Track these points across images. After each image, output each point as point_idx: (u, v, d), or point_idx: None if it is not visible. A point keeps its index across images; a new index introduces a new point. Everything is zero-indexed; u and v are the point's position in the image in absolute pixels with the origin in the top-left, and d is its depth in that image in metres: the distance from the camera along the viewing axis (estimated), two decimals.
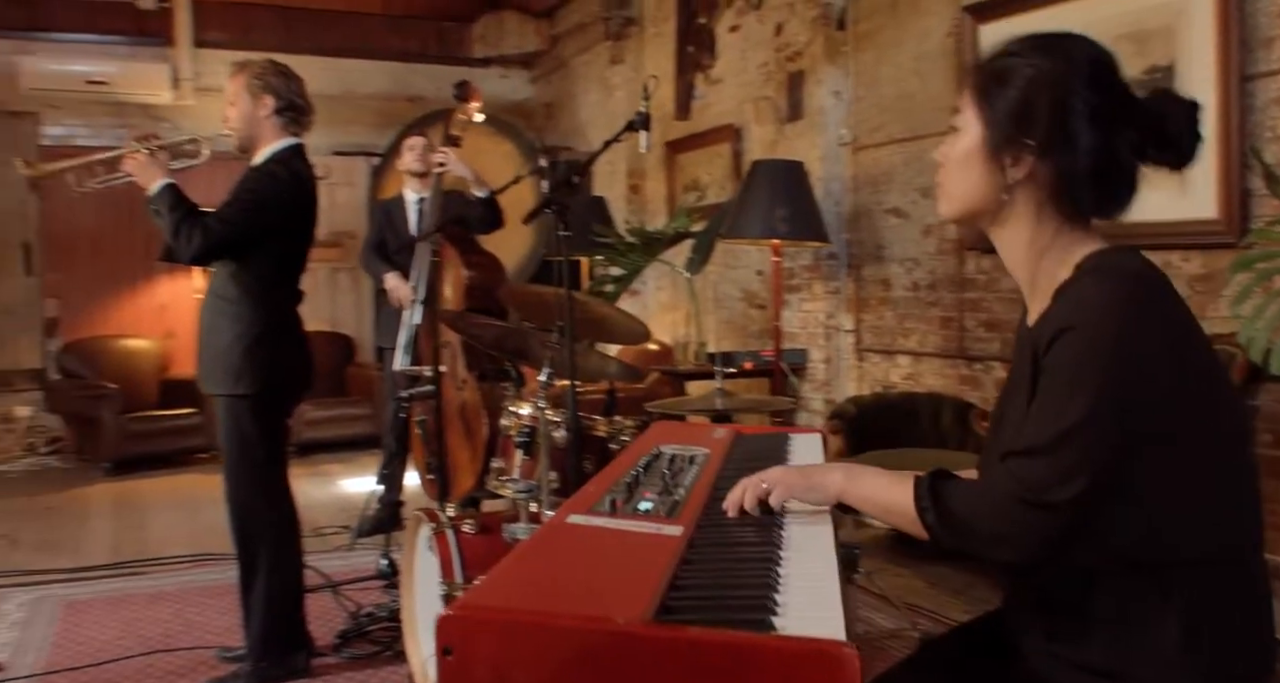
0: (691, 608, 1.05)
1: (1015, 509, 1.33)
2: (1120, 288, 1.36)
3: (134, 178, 3.28)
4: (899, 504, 1.42)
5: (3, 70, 7.88)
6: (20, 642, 3.80)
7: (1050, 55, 1.45)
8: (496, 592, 1.08)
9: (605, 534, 1.29)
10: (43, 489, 6.74)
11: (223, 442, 3.35)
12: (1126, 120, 1.44)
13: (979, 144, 1.48)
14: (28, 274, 7.98)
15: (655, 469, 1.67)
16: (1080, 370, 1.32)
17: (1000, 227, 1.53)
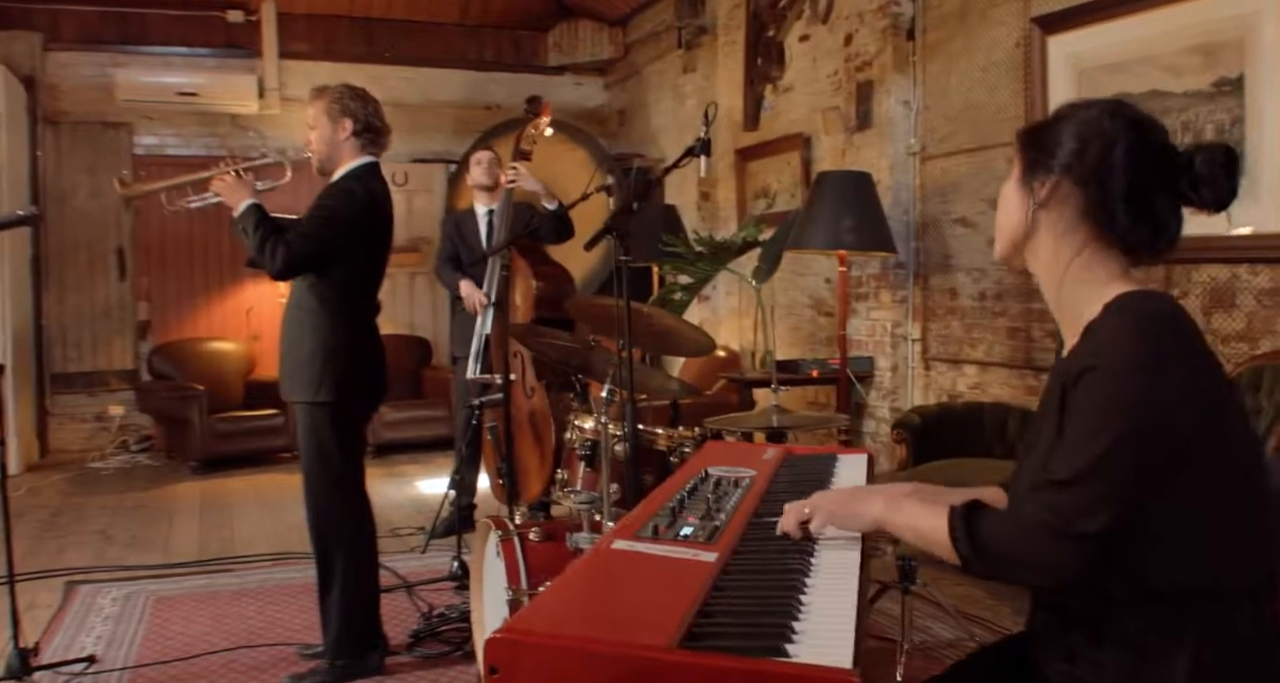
0: (716, 635, 1.14)
1: (1046, 539, 1.40)
2: (1143, 329, 1.43)
3: (221, 198, 3.46)
4: (935, 532, 1.49)
5: (99, 83, 8.23)
6: (113, 635, 4.00)
7: (1105, 109, 1.56)
8: (541, 616, 1.19)
9: (645, 560, 1.39)
10: (134, 487, 7.03)
11: (302, 448, 3.51)
12: (1164, 161, 1.53)
13: (1017, 176, 1.61)
14: (121, 279, 8.32)
15: (700, 493, 1.76)
16: (1105, 408, 1.39)
17: (1032, 255, 1.61)
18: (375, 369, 3.61)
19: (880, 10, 5.86)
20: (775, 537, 1.57)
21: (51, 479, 7.24)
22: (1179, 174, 1.52)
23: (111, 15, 8.22)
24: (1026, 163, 1.60)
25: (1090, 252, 1.55)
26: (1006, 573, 1.49)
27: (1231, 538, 1.43)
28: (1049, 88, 4.89)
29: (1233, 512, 1.43)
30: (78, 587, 4.64)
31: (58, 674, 3.56)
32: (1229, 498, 1.43)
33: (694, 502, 1.70)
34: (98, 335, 8.29)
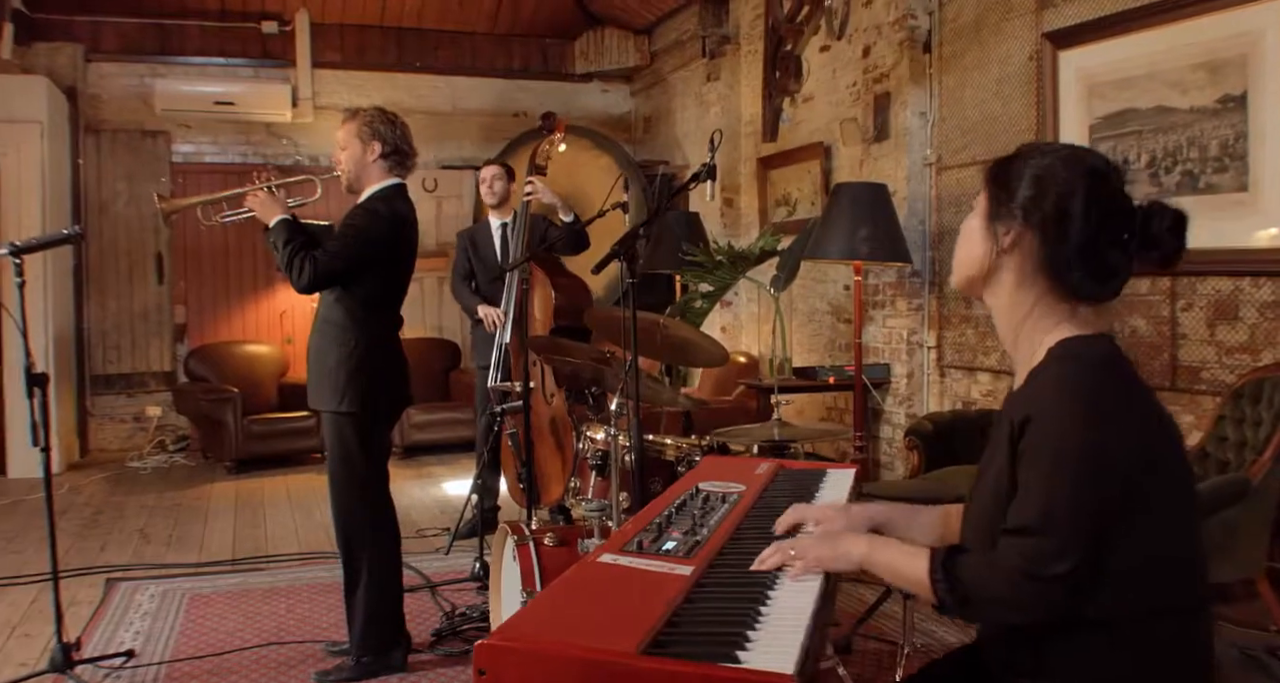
0: (678, 642, 1.27)
1: (1022, 583, 1.51)
2: (1081, 377, 1.55)
3: (255, 213, 3.63)
4: (915, 574, 1.61)
5: (139, 93, 8.47)
6: (150, 631, 4.19)
7: (1058, 154, 1.67)
8: (526, 623, 1.34)
9: (626, 573, 1.53)
10: (171, 486, 7.25)
11: (328, 454, 3.67)
12: (1118, 215, 1.63)
13: (982, 216, 1.71)
14: (159, 283, 8.55)
15: (688, 509, 1.90)
16: (1056, 456, 1.50)
17: (990, 292, 1.73)
18: (398, 380, 3.76)
19: (897, 23, 5.97)
20: (749, 552, 1.70)
21: (92, 478, 7.48)
22: (1131, 230, 1.62)
23: (150, 27, 8.45)
24: (991, 203, 1.71)
25: (1047, 301, 1.66)
26: (986, 613, 1.61)
27: (1165, 563, 1.54)
28: (1060, 102, 4.98)
29: (1168, 538, 1.55)
30: (117, 584, 4.84)
31: (98, 668, 3.74)
32: (1165, 526, 1.54)
33: (681, 517, 1.84)
34: (136, 338, 8.54)
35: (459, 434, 8.10)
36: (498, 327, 5.22)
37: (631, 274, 2.76)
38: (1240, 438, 4.08)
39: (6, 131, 7.46)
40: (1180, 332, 4.48)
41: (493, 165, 5.70)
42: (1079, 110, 4.89)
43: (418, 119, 9.15)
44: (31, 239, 3.73)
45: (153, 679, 3.68)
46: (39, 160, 7.54)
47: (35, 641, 4.11)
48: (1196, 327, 4.42)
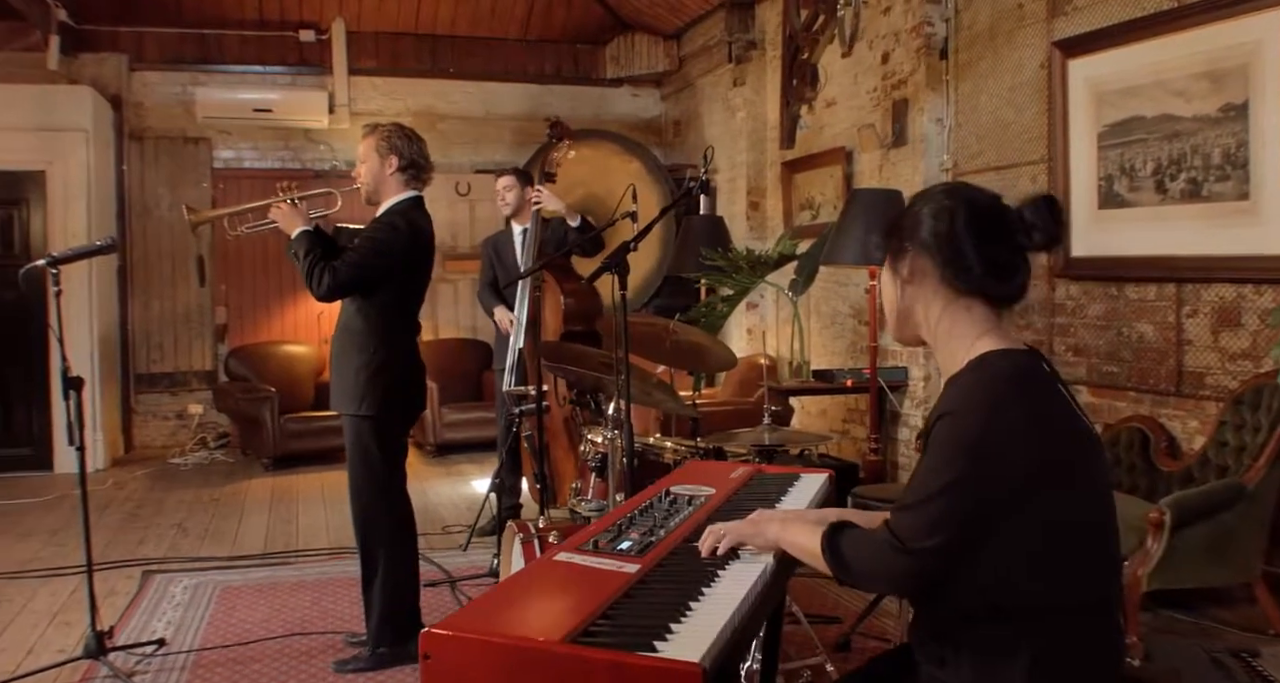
0: (605, 633, 1.41)
1: (886, 554, 1.67)
2: (988, 382, 1.68)
3: (278, 224, 3.81)
4: (813, 549, 1.77)
5: (181, 100, 8.74)
6: (182, 621, 4.39)
7: (931, 191, 1.84)
8: (472, 615, 1.48)
9: (576, 570, 1.67)
10: (210, 482, 7.49)
11: (348, 454, 3.85)
12: (994, 214, 1.78)
13: (885, 267, 1.87)
14: (201, 285, 8.82)
15: (653, 511, 2.03)
16: (947, 447, 1.64)
17: (914, 325, 1.86)
18: (415, 384, 3.92)
19: (914, 30, 6.06)
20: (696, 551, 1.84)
21: (135, 474, 7.74)
22: (1013, 225, 1.76)
23: (192, 37, 8.71)
24: (890, 251, 1.85)
25: (955, 310, 1.78)
26: (863, 583, 1.78)
27: (1067, 563, 1.66)
28: (1069, 109, 5.05)
29: (1069, 540, 1.66)
30: (153, 576, 5.05)
31: (130, 655, 3.94)
32: (1066, 528, 1.66)
33: (644, 519, 1.97)
34: (179, 338, 8.81)
35: (490, 433, 8.22)
36: (511, 328, 5.37)
37: (623, 285, 2.89)
38: (1240, 443, 4.15)
39: (54, 140, 7.74)
40: (1185, 338, 4.54)
41: (505, 176, 5.81)
42: (1087, 118, 4.96)
43: (451, 124, 9.40)
44: (68, 250, 3.94)
45: (181, 667, 3.88)
46: (85, 167, 7.82)
47: (74, 629, 4.32)
48: (1201, 333, 4.48)
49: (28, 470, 7.72)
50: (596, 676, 1.30)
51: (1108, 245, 4.89)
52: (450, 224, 9.16)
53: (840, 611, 4.25)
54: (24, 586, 4.97)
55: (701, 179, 3.05)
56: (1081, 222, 5.02)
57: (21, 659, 3.99)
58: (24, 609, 4.62)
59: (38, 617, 4.51)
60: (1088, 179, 4.96)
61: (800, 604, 3.69)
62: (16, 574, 5.15)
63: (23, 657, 4.03)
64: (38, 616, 4.53)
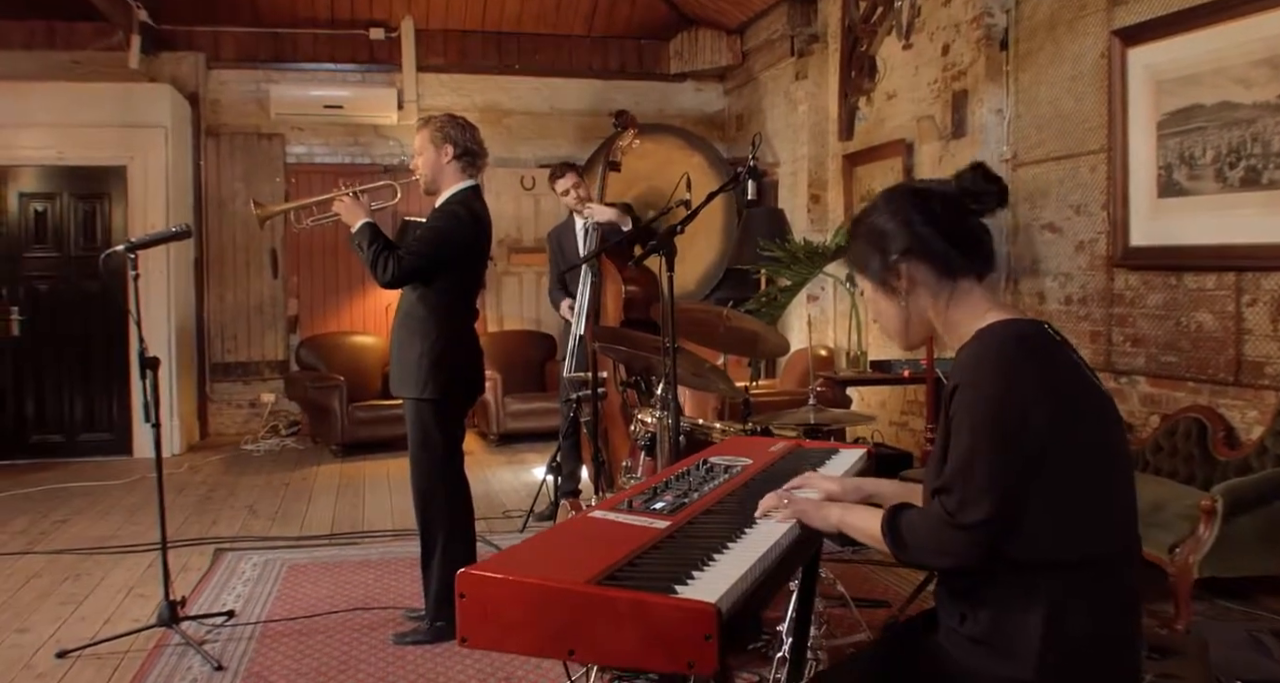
0: (630, 578, 1.49)
1: (944, 532, 1.73)
2: (996, 347, 1.76)
3: (341, 217, 3.95)
4: (874, 532, 1.84)
5: (255, 98, 8.99)
6: (250, 595, 4.57)
7: (873, 206, 1.94)
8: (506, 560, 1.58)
9: (609, 525, 1.76)
10: (281, 467, 7.71)
11: (409, 436, 3.98)
12: (942, 197, 1.88)
13: (873, 291, 1.96)
14: (274, 277, 9.07)
15: (689, 477, 2.11)
16: (969, 417, 1.71)
17: (925, 328, 1.95)
18: (473, 369, 4.05)
19: (974, 21, 6.06)
20: (729, 512, 1.92)
21: (210, 459, 8.00)
22: (960, 199, 1.87)
23: (266, 36, 8.96)
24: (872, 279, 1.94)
25: (958, 296, 1.88)
26: (923, 562, 1.83)
27: (1083, 517, 1.72)
28: (1129, 98, 5.03)
29: (1085, 494, 1.72)
30: (224, 553, 5.25)
31: (201, 625, 4.12)
32: (1082, 482, 1.72)
33: (679, 483, 2.05)
34: (252, 329, 9.07)
35: (553, 423, 8.34)
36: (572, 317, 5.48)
37: (670, 267, 2.97)
38: None
39: (135, 136, 8.02)
40: (1245, 327, 4.50)
41: (567, 176, 5.87)
42: (1147, 106, 4.93)
43: (517, 119, 9.55)
44: (145, 236, 4.12)
45: (249, 636, 4.04)
46: (164, 162, 8.09)
47: (148, 601, 4.51)
48: (1261, 322, 4.44)
49: (108, 455, 8.02)
50: (617, 614, 1.39)
51: (1167, 234, 4.86)
52: (515, 218, 9.32)
53: (889, 594, 4.30)
54: (103, 560, 5.19)
55: (750, 165, 3.12)
56: (1140, 211, 5.00)
57: (99, 627, 4.19)
58: (102, 583, 4.83)
59: (115, 590, 4.72)
60: (1147, 168, 4.93)
61: (848, 588, 3.75)
62: (96, 550, 5.37)
63: (100, 625, 4.22)
64: (115, 588, 4.73)
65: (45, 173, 8.03)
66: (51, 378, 8.02)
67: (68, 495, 6.74)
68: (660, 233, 2.98)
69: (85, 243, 8.08)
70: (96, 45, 8.41)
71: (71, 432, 8.07)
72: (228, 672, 3.68)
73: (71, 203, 8.07)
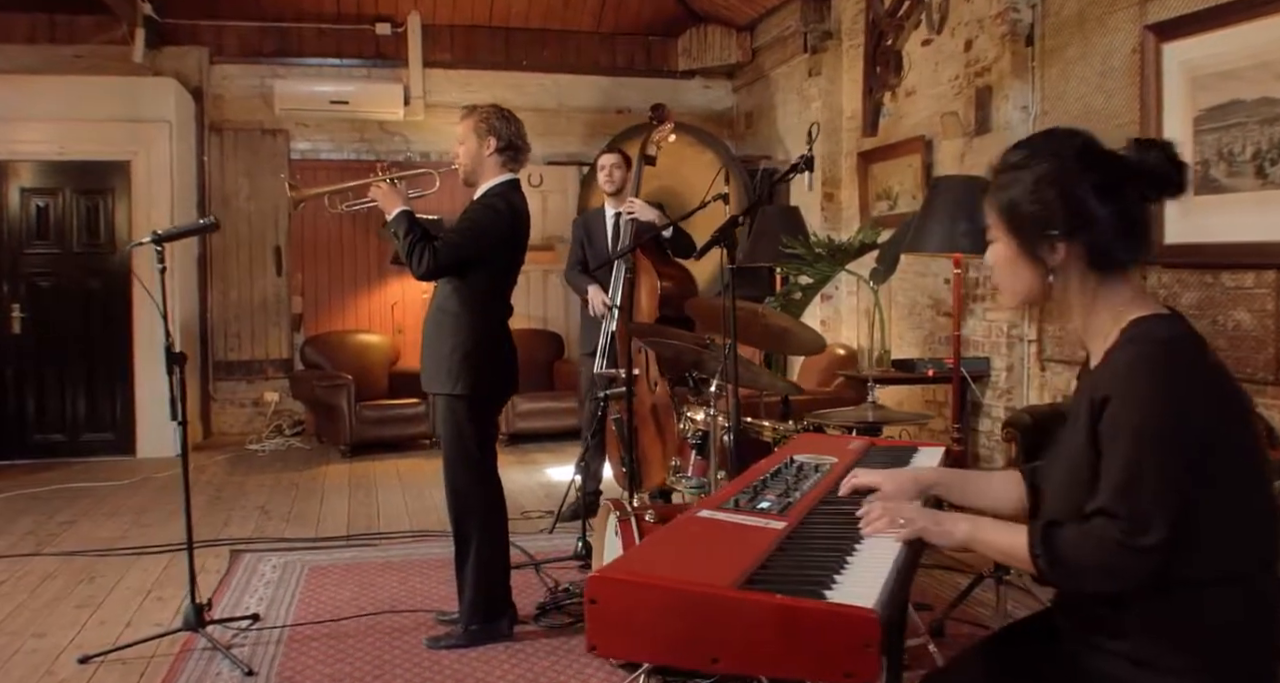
0: (770, 581, 1.40)
1: (1114, 554, 1.60)
2: (1155, 357, 1.65)
3: (377, 203, 3.85)
4: (1016, 549, 1.71)
5: (259, 93, 8.87)
6: (273, 597, 4.45)
7: (1042, 156, 1.77)
8: (632, 563, 1.49)
9: (723, 525, 1.67)
10: (288, 467, 7.59)
11: (441, 434, 3.88)
12: (1123, 180, 1.74)
13: (1015, 251, 1.81)
14: (278, 275, 8.94)
15: (783, 476, 2.03)
16: (1135, 436, 1.60)
17: (1055, 301, 1.83)
18: (508, 365, 3.95)
19: (999, 17, 5.98)
20: (839, 511, 1.83)
21: (215, 459, 7.87)
22: (1137, 180, 1.73)
23: (271, 30, 8.84)
24: (1016, 235, 1.79)
25: (1103, 288, 1.77)
26: (1082, 584, 1.68)
27: (1231, 532, 1.63)
28: (1164, 94, 4.96)
29: (1234, 505, 1.63)
30: (241, 555, 5.13)
31: (227, 628, 4.01)
32: (1231, 493, 1.63)
33: (775, 482, 1.96)
34: (256, 327, 8.94)
35: (562, 422, 8.31)
36: (604, 313, 5.37)
37: (731, 260, 2.88)
38: None
39: (139, 130, 7.89)
40: None
41: (612, 153, 5.74)
42: (1183, 103, 4.86)
43: (524, 116, 9.21)
44: (172, 228, 4.01)
45: (277, 640, 3.93)
46: (167, 157, 7.97)
47: (168, 604, 4.41)
48: None
49: (111, 455, 7.88)
50: (765, 620, 1.30)
51: (1203, 232, 4.79)
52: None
53: (927, 597, 4.21)
54: (116, 562, 5.07)
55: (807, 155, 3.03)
56: (1175, 208, 4.92)
57: (121, 631, 4.08)
58: (118, 585, 4.71)
59: (132, 593, 4.60)
60: None
61: None
62: (109, 551, 5.25)
63: (122, 629, 4.11)
64: (132, 592, 4.62)
65: (47, 168, 7.89)
66: (53, 377, 7.88)
67: (72, 496, 6.61)
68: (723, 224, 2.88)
69: (88, 239, 7.94)
70: (99, 39, 8.28)
71: (74, 431, 7.93)
72: (259, 677, 3.58)
73: (74, 199, 7.93)
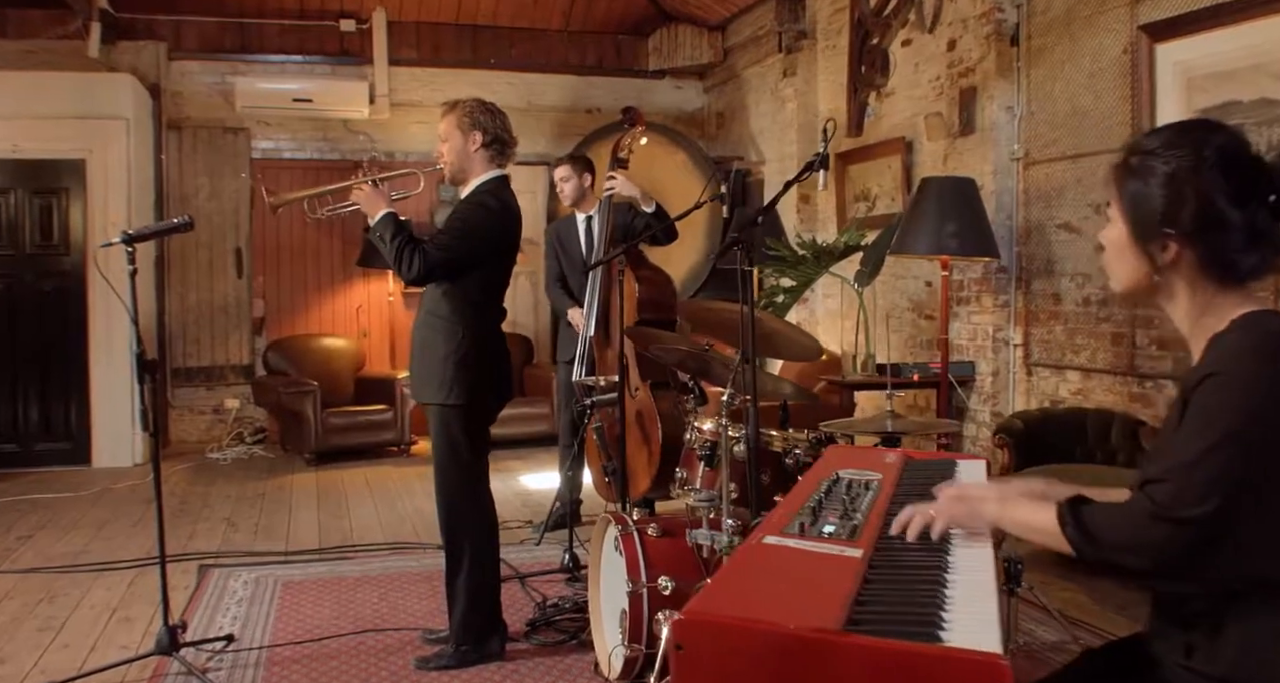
0: (873, 621, 1.27)
1: (1147, 523, 1.51)
2: (1263, 343, 1.55)
3: (359, 207, 3.66)
4: (1046, 524, 1.61)
5: (219, 90, 8.62)
6: (247, 616, 4.25)
7: (1182, 149, 1.62)
8: (715, 601, 1.33)
9: (796, 554, 1.52)
10: (252, 477, 7.35)
11: (433, 445, 3.70)
12: (1260, 183, 1.60)
13: (1126, 237, 1.68)
14: (239, 277, 8.68)
15: (835, 494, 1.89)
16: (1218, 409, 1.51)
17: (1160, 299, 1.71)
18: (502, 372, 3.79)
19: (984, 16, 5.90)
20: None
21: (175, 468, 7.59)
22: (1275, 192, 1.59)
23: (231, 26, 8.58)
24: (1133, 224, 1.67)
25: (1219, 296, 1.65)
26: (1111, 554, 1.57)
27: None
28: (1157, 95, 4.90)
29: None
30: (210, 570, 4.91)
31: (200, 651, 3.80)
32: None
33: (831, 502, 1.83)
34: (216, 331, 8.67)
35: (534, 428, 8.15)
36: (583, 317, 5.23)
37: (750, 262, 2.74)
38: None
39: (94, 128, 7.62)
40: None
41: (562, 166, 5.59)
42: (1177, 104, 4.80)
43: None
44: (144, 228, 3.79)
45: (255, 663, 3.74)
46: (124, 156, 7.70)
47: (135, 624, 4.19)
48: None
49: (66, 464, 7.59)
50: (883, 667, 1.16)
51: None
52: None
53: None
54: (78, 579, 4.83)
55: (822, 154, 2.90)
56: None
57: (86, 656, 3.86)
58: (81, 604, 4.48)
59: (96, 612, 4.37)
60: None
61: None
62: (69, 568, 5.00)
63: (86, 653, 3.89)
64: (96, 610, 4.39)
65: None
66: (5, 383, 7.57)
67: (27, 508, 6.33)
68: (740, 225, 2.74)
69: (41, 241, 7.65)
70: (52, 33, 7.98)
71: (27, 440, 7.62)
72: None
73: (26, 198, 7.64)
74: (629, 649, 3.15)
